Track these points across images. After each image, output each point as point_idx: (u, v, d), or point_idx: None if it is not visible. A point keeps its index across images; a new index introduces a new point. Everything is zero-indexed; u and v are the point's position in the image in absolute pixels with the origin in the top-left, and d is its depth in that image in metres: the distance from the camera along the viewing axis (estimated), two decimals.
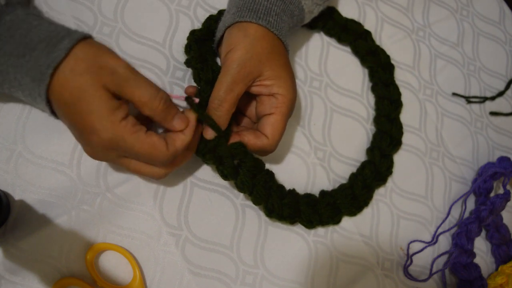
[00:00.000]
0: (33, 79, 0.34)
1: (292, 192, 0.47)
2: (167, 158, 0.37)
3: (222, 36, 0.44)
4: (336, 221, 0.49)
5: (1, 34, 0.34)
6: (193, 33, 0.48)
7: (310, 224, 0.47)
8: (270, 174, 0.45)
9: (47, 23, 0.35)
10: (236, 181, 0.42)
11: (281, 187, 0.46)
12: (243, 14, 0.42)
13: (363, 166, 0.52)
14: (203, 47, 0.47)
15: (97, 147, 0.35)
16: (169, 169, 0.40)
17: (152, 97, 0.36)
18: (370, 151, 0.53)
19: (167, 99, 0.37)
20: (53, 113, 0.37)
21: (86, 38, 0.35)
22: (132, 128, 0.35)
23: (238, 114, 0.47)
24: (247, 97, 0.45)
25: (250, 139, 0.42)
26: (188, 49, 0.47)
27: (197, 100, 0.41)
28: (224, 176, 0.42)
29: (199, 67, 0.44)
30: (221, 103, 0.40)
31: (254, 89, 0.43)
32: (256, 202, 0.44)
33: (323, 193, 0.49)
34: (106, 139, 0.34)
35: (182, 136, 0.38)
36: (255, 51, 0.41)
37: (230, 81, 0.40)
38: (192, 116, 0.39)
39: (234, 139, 0.42)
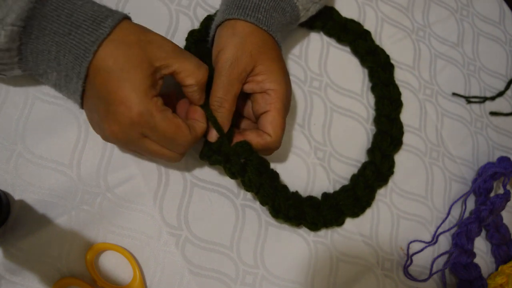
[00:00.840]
0: (77, 56, 0.35)
1: (296, 194, 0.47)
2: (189, 142, 0.38)
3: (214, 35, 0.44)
4: (339, 223, 0.49)
5: (48, 14, 0.35)
6: (191, 34, 0.48)
7: (314, 226, 0.47)
8: (275, 174, 0.45)
9: (90, 3, 0.37)
10: (244, 178, 0.42)
11: (286, 187, 0.46)
12: (231, 11, 0.42)
13: (364, 166, 0.52)
14: (201, 48, 0.47)
15: (123, 121, 0.35)
16: (186, 152, 0.40)
17: (197, 67, 0.38)
18: (370, 151, 0.53)
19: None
20: (81, 98, 0.37)
21: (127, 18, 0.37)
22: (161, 107, 0.36)
23: (237, 117, 0.47)
24: (243, 98, 0.45)
25: (253, 138, 0.42)
26: (187, 50, 0.47)
27: None
28: (232, 174, 0.42)
29: None
30: (222, 103, 0.41)
31: (247, 87, 0.43)
32: (263, 201, 0.44)
33: (325, 195, 0.49)
34: (136, 111, 0.35)
35: (201, 123, 0.40)
36: (246, 48, 0.41)
37: (226, 81, 0.40)
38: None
39: (237, 139, 0.42)
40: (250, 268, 0.46)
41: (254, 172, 0.42)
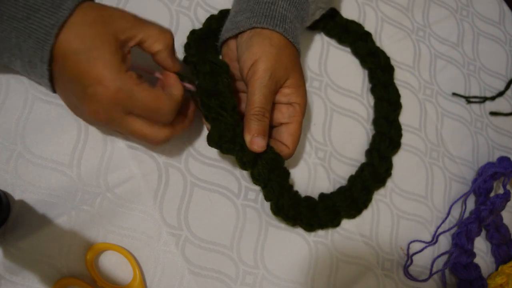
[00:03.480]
0: (38, 40, 0.34)
1: (296, 193, 0.47)
2: (172, 109, 0.38)
3: (229, 38, 0.45)
4: (335, 224, 0.49)
5: None
6: (193, 32, 0.48)
7: (310, 227, 0.47)
8: (287, 173, 0.45)
9: None
10: (253, 170, 0.42)
11: (291, 187, 0.46)
12: (259, 19, 0.43)
13: (362, 168, 0.52)
14: (202, 45, 0.47)
15: (102, 100, 0.35)
16: (170, 132, 0.39)
17: (162, 31, 0.38)
18: (368, 153, 0.53)
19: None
20: (51, 81, 0.37)
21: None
22: (137, 80, 0.36)
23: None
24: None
25: None
26: (187, 47, 0.47)
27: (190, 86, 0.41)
28: (243, 164, 0.42)
29: (195, 60, 0.44)
30: (264, 113, 0.41)
31: (275, 98, 0.44)
32: (268, 197, 0.44)
33: (322, 196, 0.49)
34: (114, 89, 0.34)
35: (176, 86, 0.39)
36: (282, 61, 0.42)
37: (267, 92, 0.41)
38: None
39: None
40: (250, 268, 0.46)
41: (265, 166, 0.42)
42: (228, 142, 0.41)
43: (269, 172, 0.43)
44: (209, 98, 0.41)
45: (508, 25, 0.70)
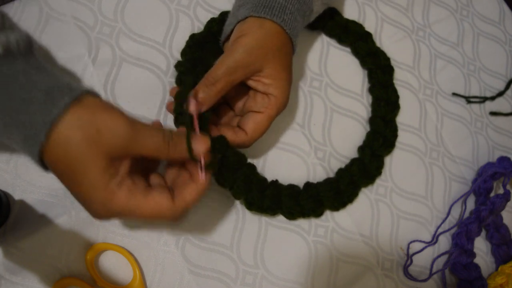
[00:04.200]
0: (26, 137, 0.31)
1: (275, 183, 0.46)
2: (175, 215, 0.34)
3: (231, 31, 0.44)
4: (318, 214, 0.48)
5: None
6: (192, 37, 0.48)
7: (290, 215, 0.46)
8: (252, 168, 0.45)
9: (47, 77, 0.32)
10: (217, 176, 0.42)
11: (263, 179, 0.46)
12: (258, 9, 0.42)
13: (352, 163, 0.52)
14: (198, 51, 0.47)
15: (99, 212, 0.33)
16: (181, 209, 0.35)
17: (160, 143, 0.33)
18: (361, 149, 0.53)
19: (173, 134, 0.35)
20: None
21: (82, 95, 0.31)
22: (128, 195, 0.32)
23: (222, 105, 0.47)
24: (239, 89, 0.45)
25: (228, 136, 0.42)
26: (183, 53, 0.47)
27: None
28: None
29: (182, 70, 0.44)
30: (215, 82, 0.39)
31: (251, 83, 0.43)
32: (236, 196, 0.43)
33: (307, 184, 0.49)
34: (105, 211, 0.32)
35: (193, 185, 0.35)
36: (265, 44, 0.41)
37: (231, 64, 0.40)
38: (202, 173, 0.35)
39: (213, 134, 0.42)
40: (250, 268, 0.46)
41: (228, 170, 0.42)
42: (190, 152, 0.40)
43: (233, 174, 0.42)
44: (182, 105, 0.41)
45: (508, 25, 0.70)
